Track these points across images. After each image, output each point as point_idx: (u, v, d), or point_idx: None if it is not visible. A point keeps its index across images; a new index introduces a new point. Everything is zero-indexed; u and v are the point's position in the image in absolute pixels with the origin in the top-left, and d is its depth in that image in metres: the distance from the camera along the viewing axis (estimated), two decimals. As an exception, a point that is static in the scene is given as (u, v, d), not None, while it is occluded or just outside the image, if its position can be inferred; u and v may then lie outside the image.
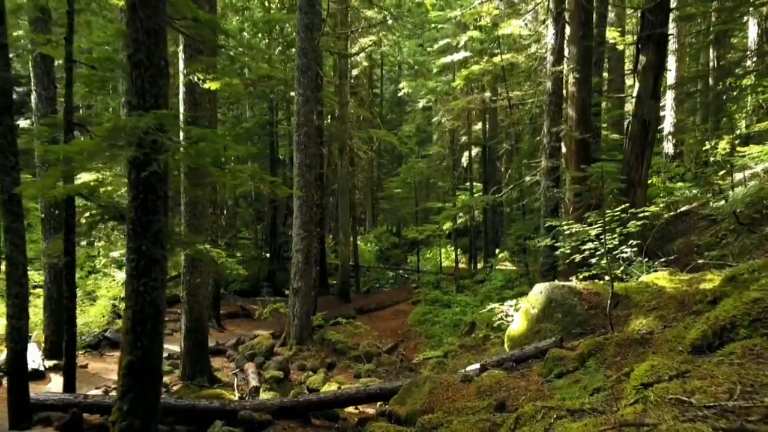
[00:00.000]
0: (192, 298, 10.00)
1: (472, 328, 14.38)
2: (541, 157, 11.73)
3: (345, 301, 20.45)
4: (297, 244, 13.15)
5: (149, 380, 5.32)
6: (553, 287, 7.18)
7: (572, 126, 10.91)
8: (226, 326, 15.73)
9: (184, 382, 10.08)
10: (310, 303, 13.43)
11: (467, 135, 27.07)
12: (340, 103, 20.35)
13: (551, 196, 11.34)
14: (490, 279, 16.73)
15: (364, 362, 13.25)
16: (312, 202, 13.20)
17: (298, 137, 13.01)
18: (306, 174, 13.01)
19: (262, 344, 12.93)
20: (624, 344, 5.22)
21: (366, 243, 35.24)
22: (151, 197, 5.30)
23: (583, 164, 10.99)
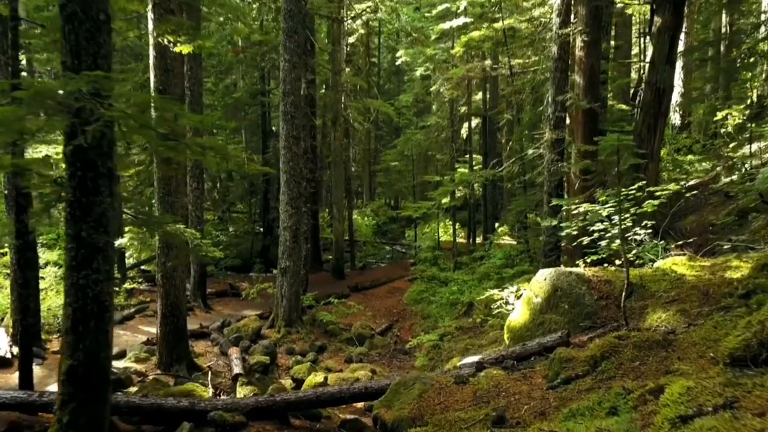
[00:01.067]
0: (168, 281, 9.28)
1: (470, 308, 13.73)
2: (545, 129, 10.88)
3: (339, 278, 19.80)
4: (285, 222, 12.39)
5: (94, 387, 4.61)
6: (558, 274, 6.44)
7: (579, 94, 10.05)
8: (213, 306, 15.06)
9: (161, 371, 9.43)
10: (300, 283, 12.74)
11: (467, 105, 26.10)
12: (333, 71, 19.37)
13: (555, 171, 10.53)
14: (489, 256, 16.02)
15: (356, 345, 12.62)
16: (300, 176, 12.40)
17: (285, 107, 12.14)
18: (293, 146, 12.18)
19: (248, 327, 12.27)
20: (643, 346, 4.49)
21: (363, 217, 34.49)
22: (91, 175, 4.52)
23: (591, 136, 10.17)
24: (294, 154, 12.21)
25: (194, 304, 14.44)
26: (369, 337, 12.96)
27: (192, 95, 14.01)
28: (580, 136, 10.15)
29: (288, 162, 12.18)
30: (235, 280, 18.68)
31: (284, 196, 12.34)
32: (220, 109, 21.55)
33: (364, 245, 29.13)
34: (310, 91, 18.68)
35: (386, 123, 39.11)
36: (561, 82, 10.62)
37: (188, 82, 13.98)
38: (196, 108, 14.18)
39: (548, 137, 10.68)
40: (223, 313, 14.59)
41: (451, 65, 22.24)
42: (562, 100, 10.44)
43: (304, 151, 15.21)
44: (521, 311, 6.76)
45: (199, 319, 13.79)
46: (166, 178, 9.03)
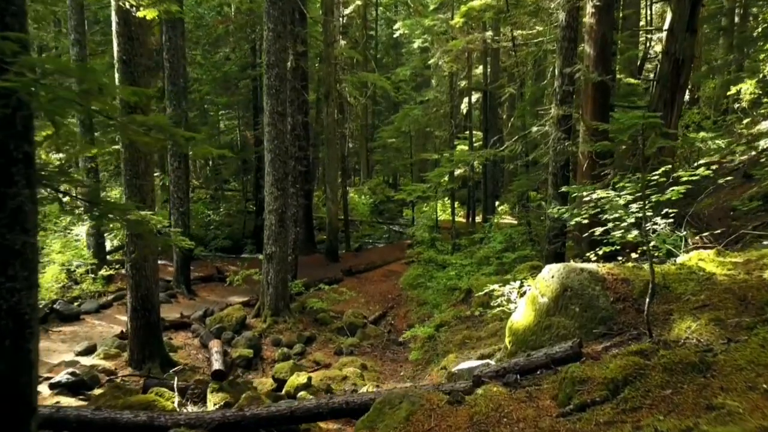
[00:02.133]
0: (137, 272, 8.49)
1: (468, 295, 12.98)
2: (551, 104, 9.99)
3: (333, 260, 19.04)
4: (270, 204, 11.56)
5: (13, 416, 3.83)
6: (568, 271, 5.62)
7: (589, 66, 9.14)
8: (198, 292, 14.32)
9: (132, 368, 8.70)
10: (287, 270, 11.97)
11: (467, 79, 25.07)
12: (325, 43, 18.34)
13: (562, 150, 9.66)
14: (489, 239, 15.21)
15: (347, 335, 11.90)
16: (286, 155, 11.53)
17: (269, 80, 11.22)
18: (278, 123, 11.28)
19: (232, 316, 11.53)
20: (675, 369, 3.70)
21: (360, 195, 33.60)
22: (3, 162, 3.68)
23: (601, 112, 9.30)
24: (279, 132, 11.32)
25: (177, 290, 13.70)
26: (361, 326, 12.22)
27: (172, 67, 13.08)
28: (590, 111, 9.27)
29: (273, 140, 11.31)
30: (223, 263, 17.92)
31: (269, 176, 11.49)
32: (208, 83, 20.52)
33: (360, 225, 28.33)
34: (301, 64, 17.68)
35: (385, 98, 37.97)
36: (569, 53, 9.68)
37: (167, 54, 13.05)
38: (177, 81, 13.26)
39: (554, 113, 9.78)
40: (208, 299, 13.85)
41: (450, 37, 21.19)
42: (570, 73, 9.52)
43: (292, 128, 14.32)
44: (525, 312, 5.97)
45: (181, 306, 13.05)
46: (133, 160, 8.18)
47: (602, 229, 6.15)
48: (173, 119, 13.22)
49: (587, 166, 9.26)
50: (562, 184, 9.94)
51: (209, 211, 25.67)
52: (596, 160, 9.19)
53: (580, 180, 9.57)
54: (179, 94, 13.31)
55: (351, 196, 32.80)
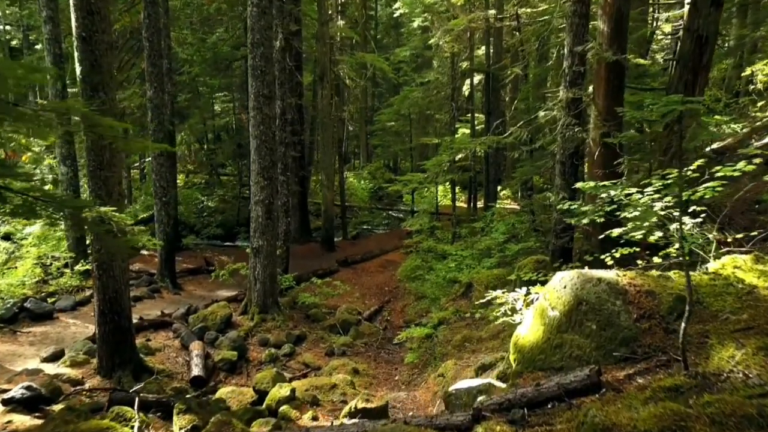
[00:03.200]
0: (104, 272, 7.72)
1: (468, 289, 12.25)
2: (560, 86, 9.14)
3: (329, 249, 18.31)
4: (256, 195, 10.77)
5: None
6: (583, 281, 4.85)
7: (603, 44, 8.27)
8: (184, 286, 13.58)
9: (101, 377, 7.98)
10: (275, 264, 11.21)
11: (469, 60, 24.09)
12: (319, 21, 17.39)
13: (571, 137, 8.83)
14: (490, 230, 14.43)
15: (340, 333, 11.18)
16: (273, 142, 10.71)
17: (253, 60, 10.36)
18: (264, 107, 10.45)
19: (216, 314, 10.80)
20: (726, 424, 2.93)
21: (359, 180, 32.77)
22: None
23: (615, 95, 8.46)
24: (265, 116, 10.49)
25: (161, 284, 12.97)
26: (355, 323, 11.50)
27: (151, 47, 12.20)
28: (603, 94, 8.43)
29: (258, 125, 10.48)
30: (213, 253, 17.17)
31: (255, 165, 10.68)
32: (199, 65, 19.59)
33: (359, 211, 27.55)
34: (294, 44, 16.77)
35: (385, 80, 36.96)
36: (580, 30, 8.81)
37: (146, 32, 12.17)
38: (158, 62, 12.39)
39: (563, 96, 8.94)
40: (195, 294, 13.12)
41: (451, 15, 20.24)
42: (581, 52, 8.66)
43: (282, 112, 13.48)
44: (533, 325, 5.20)
45: (165, 302, 12.33)
46: (96, 148, 7.37)
47: (620, 230, 5.39)
48: (154, 102, 12.39)
49: (599, 154, 8.44)
50: (571, 173, 9.14)
51: (203, 197, 24.89)
52: (609, 147, 8.37)
53: (590, 169, 8.76)
54: (160, 75, 12.46)
55: (350, 181, 31.97)
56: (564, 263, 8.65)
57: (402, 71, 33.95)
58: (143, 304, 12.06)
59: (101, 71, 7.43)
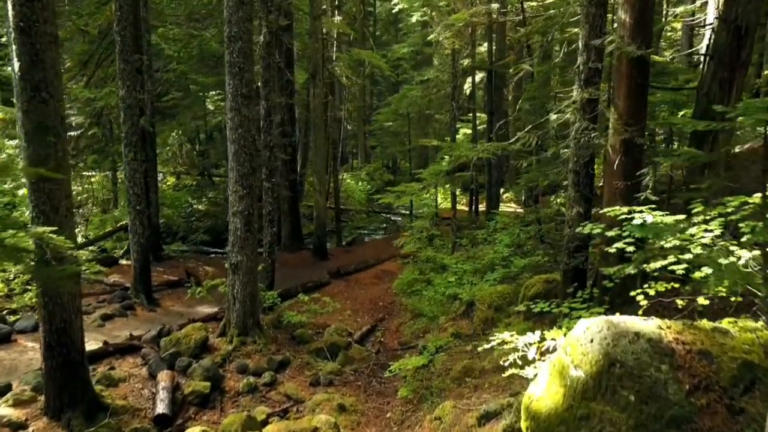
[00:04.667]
0: (51, 299, 6.68)
1: (470, 308, 11.21)
2: (573, 85, 8.06)
3: (321, 258, 17.27)
4: (234, 205, 9.73)
5: None
6: (616, 334, 3.80)
7: (625, 36, 7.19)
8: (161, 302, 12.52)
9: (48, 418, 6.95)
10: (255, 282, 10.17)
11: (470, 57, 23.04)
12: (311, 15, 16.33)
13: (587, 143, 7.76)
14: (493, 240, 13.36)
15: (327, 358, 10.13)
16: (253, 147, 9.66)
17: (230, 56, 9.31)
18: (243, 108, 9.39)
19: (190, 337, 9.75)
20: None
21: (357, 181, 31.73)
22: None
23: (638, 95, 7.38)
24: (244, 118, 9.44)
25: (135, 300, 11.92)
26: (344, 346, 10.45)
27: (123, 42, 11.15)
28: (624, 94, 7.35)
29: (236, 128, 9.43)
30: (198, 263, 16.11)
31: (232, 172, 9.64)
32: (186, 62, 18.53)
33: (356, 215, 26.49)
34: (284, 39, 15.72)
35: (385, 78, 35.93)
36: (597, 21, 7.74)
37: (117, 25, 11.12)
38: (130, 58, 11.35)
39: (577, 96, 7.87)
40: (172, 311, 12.07)
41: (451, 10, 19.19)
42: (598, 46, 7.60)
43: (267, 113, 12.43)
44: (550, 385, 4.15)
45: (138, 321, 11.29)
46: (37, 131, 6.32)
47: (663, 262, 4.35)
48: (127, 102, 11.34)
49: (619, 163, 7.37)
50: (585, 183, 8.07)
51: (194, 200, 23.87)
52: (631, 155, 7.32)
53: (608, 180, 7.69)
54: (133, 73, 11.40)
55: (347, 183, 30.91)
56: (579, 288, 7.59)
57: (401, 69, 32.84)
58: (113, 323, 11.02)
59: (44, 68, 6.38)
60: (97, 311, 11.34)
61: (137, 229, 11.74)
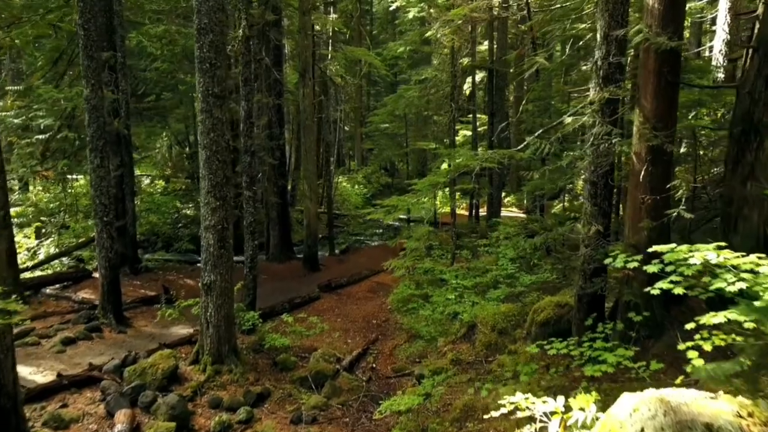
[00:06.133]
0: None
1: (471, 331, 10.16)
2: (590, 84, 7.00)
3: (312, 269, 16.20)
4: (206, 218, 8.65)
5: None
6: (677, 423, 2.74)
7: (653, 25, 6.13)
8: (132, 321, 11.41)
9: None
10: (231, 304, 9.10)
11: (470, 56, 22.00)
12: (300, 10, 15.26)
13: (606, 150, 6.70)
14: (496, 251, 12.29)
15: (312, 389, 9.06)
16: (227, 153, 8.59)
17: (200, 51, 8.23)
18: (215, 109, 8.32)
19: (158, 367, 8.67)
20: None
21: (353, 185, 30.64)
22: None
23: (668, 95, 6.33)
24: (217, 121, 8.37)
25: (103, 321, 10.82)
26: (332, 375, 9.38)
27: (87, 36, 10.08)
28: (651, 93, 6.29)
29: (208, 132, 8.36)
30: (179, 276, 15.01)
31: (204, 181, 8.56)
32: (168, 59, 17.43)
33: (351, 220, 25.37)
34: (271, 36, 14.66)
35: (383, 78, 34.88)
36: (618, 9, 6.68)
37: (80, 18, 10.05)
38: (95, 55, 10.27)
39: (595, 96, 6.80)
40: (144, 332, 10.97)
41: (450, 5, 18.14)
42: (620, 37, 6.54)
43: (248, 114, 11.35)
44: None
45: (104, 345, 10.20)
46: None
47: (725, 315, 3.30)
48: (92, 102, 10.26)
49: (645, 173, 6.31)
50: (604, 196, 7.01)
51: (182, 205, 22.77)
52: (659, 164, 6.27)
53: (633, 193, 6.63)
54: (98, 71, 10.32)
55: (343, 186, 29.80)
56: (598, 319, 6.53)
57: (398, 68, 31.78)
58: (76, 348, 9.93)
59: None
60: (59, 334, 10.25)
61: (105, 242, 10.66)
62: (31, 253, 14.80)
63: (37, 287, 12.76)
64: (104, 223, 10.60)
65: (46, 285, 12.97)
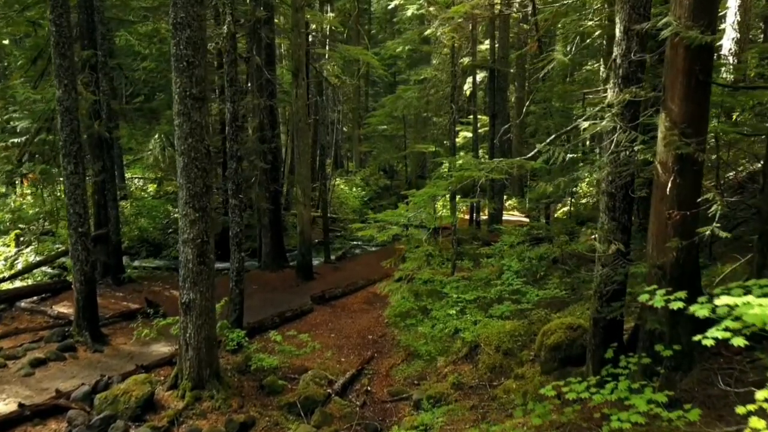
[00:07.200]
0: None
1: (474, 351, 9.42)
2: (609, 84, 6.26)
3: (306, 278, 15.46)
4: (184, 231, 7.91)
5: None
6: None
7: (682, 17, 5.39)
8: (111, 338, 10.65)
9: None
10: (213, 324, 8.36)
11: (471, 55, 21.27)
12: (293, 7, 14.51)
13: (627, 158, 5.95)
14: (500, 264, 11.55)
15: (301, 416, 8.32)
16: (206, 160, 7.84)
17: (177, 48, 7.49)
18: (193, 112, 7.58)
19: (131, 394, 7.92)
20: None
21: (351, 187, 29.90)
22: None
23: (699, 95, 5.58)
24: (195, 125, 7.62)
25: (78, 339, 10.07)
26: (323, 400, 8.63)
27: (59, 32, 9.34)
28: (680, 95, 5.54)
29: (185, 137, 7.62)
30: (164, 287, 14.25)
31: (182, 191, 7.82)
32: (156, 58, 16.71)
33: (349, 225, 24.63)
34: (262, 34, 13.92)
35: (382, 79, 34.20)
36: (639, 0, 5.95)
37: (52, 13, 9.31)
38: (67, 53, 9.52)
39: (614, 98, 6.06)
40: (122, 351, 10.22)
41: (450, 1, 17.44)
42: (643, 31, 5.80)
43: (233, 117, 10.60)
44: None
45: (77, 366, 9.44)
46: None
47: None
48: (65, 104, 9.51)
49: (673, 185, 5.56)
50: (623, 210, 6.27)
51: (174, 209, 22.02)
52: (689, 175, 5.54)
53: (657, 208, 5.88)
54: (71, 70, 9.56)
55: (341, 188, 29.07)
56: (619, 350, 5.77)
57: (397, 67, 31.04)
58: (46, 370, 9.18)
59: None
60: (28, 354, 9.50)
61: (80, 254, 9.92)
62: (10, 262, 14.06)
63: (12, 300, 12.01)
64: (79, 234, 9.86)
65: (21, 297, 12.21)
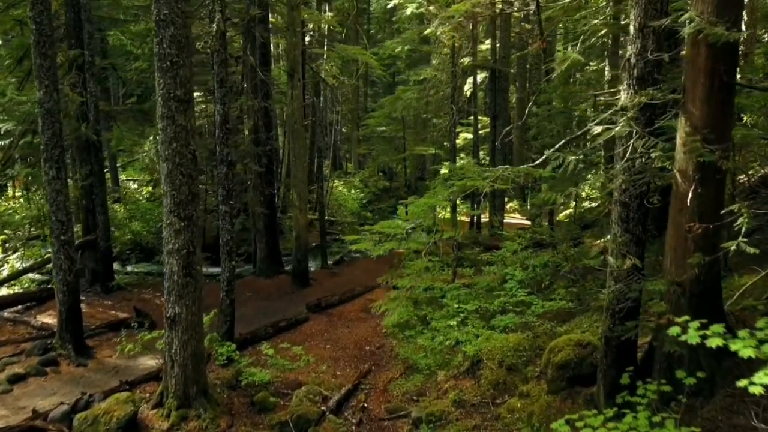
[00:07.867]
0: None
1: (476, 366, 8.95)
2: (622, 84, 5.80)
3: (302, 284, 15.00)
4: (169, 242, 7.45)
5: None
6: None
7: (705, 13, 4.94)
8: (97, 351, 10.18)
9: None
10: (199, 338, 7.90)
11: (471, 55, 20.84)
12: (288, 5, 14.06)
13: (643, 165, 5.49)
14: (503, 272, 11.09)
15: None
16: (192, 166, 7.38)
17: (161, 47, 7.03)
18: (177, 115, 7.12)
19: (112, 414, 7.46)
20: None
21: (349, 189, 29.43)
22: None
23: (723, 97, 5.14)
24: (180, 129, 7.17)
25: (60, 352, 9.60)
26: (316, 419, 8.17)
27: (39, 30, 8.89)
28: (702, 96, 5.11)
29: (169, 142, 7.16)
30: (154, 294, 13.76)
31: (167, 198, 7.36)
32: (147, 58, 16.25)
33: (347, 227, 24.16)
34: (256, 33, 13.46)
35: (382, 79, 33.77)
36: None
37: (32, 10, 8.86)
38: (48, 52, 9.07)
39: (628, 101, 5.60)
40: (107, 364, 9.75)
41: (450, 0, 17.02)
42: (661, 28, 5.35)
43: (224, 119, 10.15)
44: None
45: (58, 382, 8.97)
46: None
47: None
48: (45, 106, 9.05)
49: (694, 195, 5.12)
50: (638, 220, 5.81)
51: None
52: (711, 185, 5.10)
53: (676, 219, 5.44)
54: (52, 70, 9.10)
55: (339, 190, 28.61)
56: (636, 375, 5.32)
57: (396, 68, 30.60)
58: (25, 386, 8.72)
59: None
60: (7, 369, 9.05)
61: (62, 263, 9.46)
62: (-5, 269, 13.62)
63: (-5, 309, 11.57)
64: (61, 242, 9.40)
65: (4, 307, 11.75)
